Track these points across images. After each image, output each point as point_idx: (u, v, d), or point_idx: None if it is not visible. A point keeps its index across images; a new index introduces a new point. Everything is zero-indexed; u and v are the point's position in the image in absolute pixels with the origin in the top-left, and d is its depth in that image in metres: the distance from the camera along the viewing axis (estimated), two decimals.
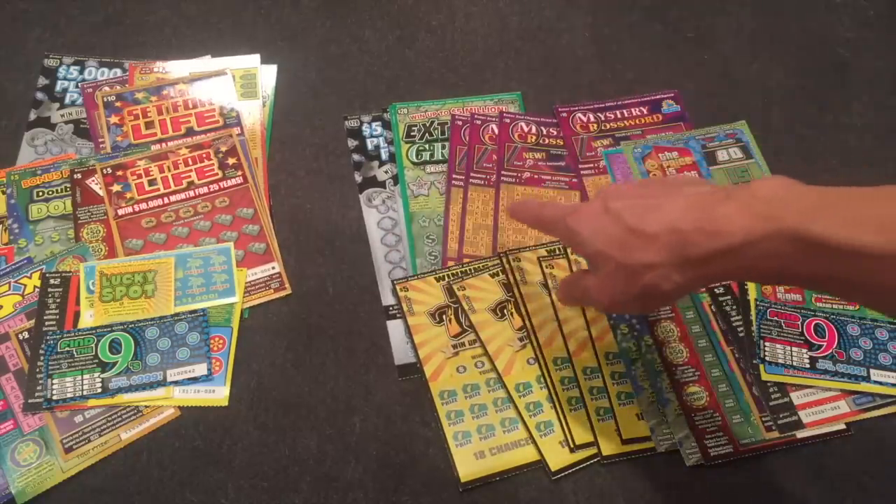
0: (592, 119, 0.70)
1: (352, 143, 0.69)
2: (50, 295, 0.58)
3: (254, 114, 0.70)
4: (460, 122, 0.69)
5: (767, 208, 0.38)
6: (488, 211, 0.65)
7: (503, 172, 0.66)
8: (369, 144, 0.69)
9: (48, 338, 0.56)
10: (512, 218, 0.59)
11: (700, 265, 0.40)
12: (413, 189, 0.66)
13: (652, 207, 0.42)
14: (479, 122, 0.69)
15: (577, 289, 0.49)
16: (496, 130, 0.69)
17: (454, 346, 0.58)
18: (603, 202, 0.44)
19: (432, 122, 0.69)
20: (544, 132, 0.69)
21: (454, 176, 0.66)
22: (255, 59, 0.73)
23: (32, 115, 0.68)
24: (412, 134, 0.69)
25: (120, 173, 0.64)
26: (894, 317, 0.55)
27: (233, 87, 0.70)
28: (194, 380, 0.56)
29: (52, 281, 0.59)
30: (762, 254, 0.38)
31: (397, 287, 0.60)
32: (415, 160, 0.67)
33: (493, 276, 0.61)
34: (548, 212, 0.50)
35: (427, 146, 0.68)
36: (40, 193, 0.63)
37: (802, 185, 0.40)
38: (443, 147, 0.68)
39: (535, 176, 0.67)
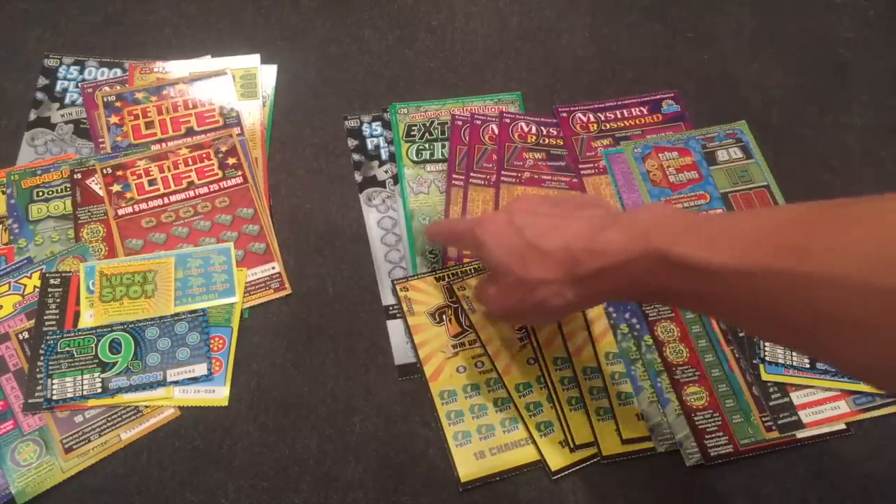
0: (592, 119, 0.70)
1: (352, 142, 0.69)
2: (50, 295, 0.58)
3: (254, 114, 0.70)
4: (460, 122, 0.69)
5: (643, 231, 0.41)
6: (489, 211, 0.65)
7: (503, 172, 0.66)
8: (369, 144, 0.69)
9: (48, 338, 0.56)
10: (430, 242, 0.61)
11: (587, 282, 0.43)
12: (413, 187, 0.66)
13: (551, 227, 0.45)
14: (479, 122, 0.69)
15: (483, 294, 0.52)
16: (496, 130, 0.69)
17: (454, 346, 0.58)
18: (509, 215, 0.48)
19: (432, 122, 0.69)
20: (544, 132, 0.69)
21: (454, 176, 0.66)
22: (255, 59, 0.73)
23: (32, 115, 0.68)
24: (412, 133, 0.69)
25: (120, 173, 0.64)
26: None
27: (233, 87, 0.70)
28: (194, 380, 0.56)
29: (52, 281, 0.59)
30: (637, 273, 0.41)
31: (397, 287, 0.60)
32: (415, 159, 0.67)
33: None
34: (459, 226, 0.53)
35: (427, 145, 0.68)
36: (40, 193, 0.63)
37: (680, 212, 0.43)
38: (443, 146, 0.68)
39: (536, 176, 0.67)
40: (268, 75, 0.72)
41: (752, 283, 0.35)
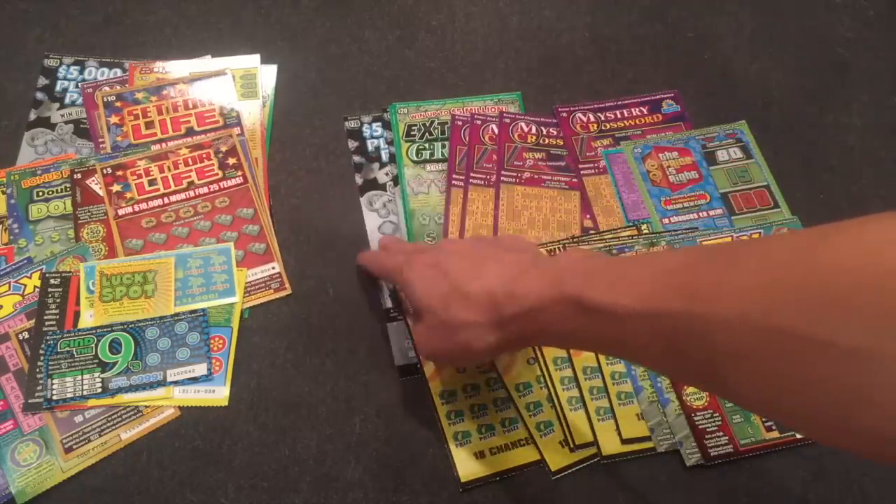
0: (592, 119, 0.70)
1: (352, 144, 0.69)
2: (50, 295, 0.58)
3: (254, 114, 0.70)
4: (460, 123, 0.69)
5: (557, 276, 0.42)
6: (488, 211, 0.65)
7: (503, 172, 0.66)
8: (370, 145, 0.69)
9: (48, 338, 0.56)
10: (361, 264, 0.61)
11: (507, 326, 0.44)
12: (413, 187, 0.66)
13: (475, 272, 0.46)
14: (479, 123, 0.69)
15: (413, 335, 0.53)
16: (496, 130, 0.69)
17: None
18: (436, 258, 0.48)
19: (432, 122, 0.69)
20: (544, 132, 0.69)
21: (454, 176, 0.66)
22: (255, 59, 0.73)
23: (32, 115, 0.68)
24: (412, 133, 0.69)
25: (120, 173, 0.64)
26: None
27: (233, 87, 0.70)
28: (194, 380, 0.56)
29: (52, 281, 0.59)
30: (553, 317, 0.41)
31: (397, 288, 0.60)
32: (415, 158, 0.67)
33: None
34: (388, 263, 0.54)
35: (427, 145, 0.68)
36: (40, 193, 0.63)
37: (596, 255, 0.44)
38: (442, 146, 0.68)
39: (536, 176, 0.67)
40: (268, 75, 0.72)
41: (653, 324, 0.36)
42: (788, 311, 0.29)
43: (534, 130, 0.69)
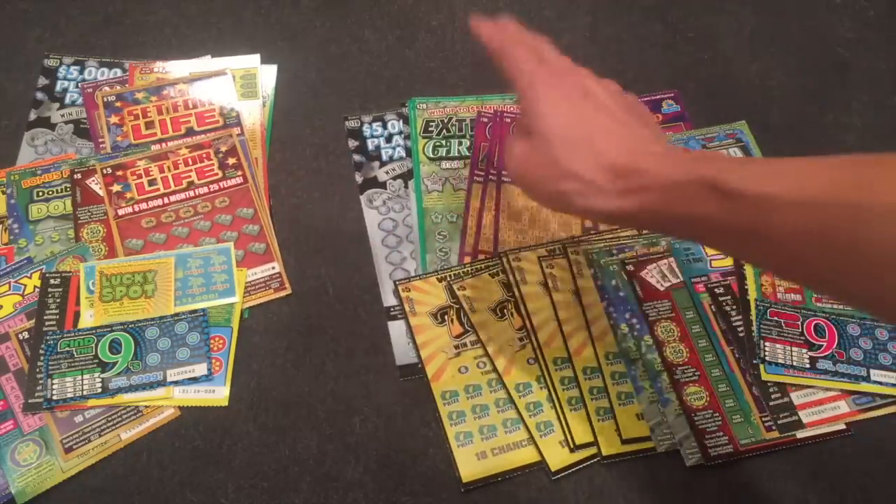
0: None
1: (352, 143, 0.69)
2: (50, 295, 0.58)
3: (254, 114, 0.70)
4: (485, 120, 0.69)
5: (692, 159, 0.40)
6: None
7: (504, 173, 0.66)
8: (370, 145, 0.69)
9: (48, 338, 0.56)
10: (475, 35, 0.52)
11: (622, 196, 0.41)
12: (427, 184, 0.66)
13: (608, 128, 0.43)
14: (508, 121, 0.69)
15: (510, 146, 0.47)
16: None
17: (456, 347, 0.58)
18: (580, 90, 0.45)
19: (450, 119, 0.69)
20: None
21: (476, 172, 0.66)
22: (255, 59, 0.73)
23: (32, 115, 0.68)
24: (429, 129, 0.69)
25: (120, 173, 0.64)
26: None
27: (233, 87, 0.70)
28: (194, 380, 0.56)
29: (52, 281, 0.59)
30: (679, 198, 0.39)
31: (399, 287, 0.60)
32: (431, 156, 0.67)
33: (492, 276, 0.61)
34: (519, 53, 0.48)
35: (444, 142, 0.68)
36: (40, 193, 0.63)
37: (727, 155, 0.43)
38: (459, 143, 0.68)
39: None
40: (268, 75, 0.72)
41: (806, 214, 0.34)
42: None
43: None
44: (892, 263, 0.32)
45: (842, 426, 0.56)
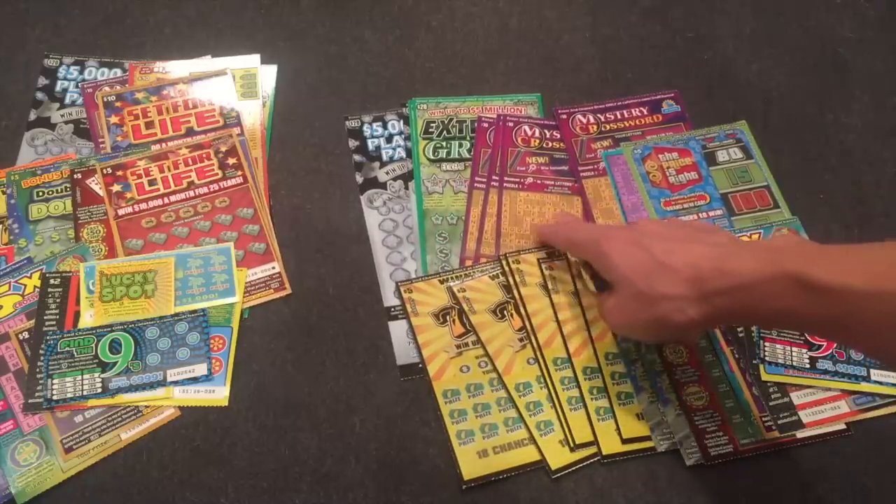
0: (592, 120, 0.70)
1: (353, 143, 0.69)
2: (50, 295, 0.58)
3: (254, 114, 0.70)
4: (486, 125, 0.69)
5: (775, 256, 0.43)
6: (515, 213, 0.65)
7: (506, 178, 0.66)
8: (370, 145, 0.69)
9: (48, 338, 0.56)
10: (540, 242, 0.62)
11: (712, 300, 0.45)
12: (428, 186, 0.66)
13: (679, 247, 0.47)
14: (511, 125, 0.69)
15: (602, 306, 0.54)
16: (528, 132, 0.69)
17: (458, 347, 0.58)
18: (635, 234, 0.50)
19: (451, 119, 0.69)
20: (547, 135, 0.69)
21: (476, 179, 0.66)
22: (255, 59, 0.73)
23: (32, 115, 0.68)
24: (430, 130, 0.69)
25: (120, 173, 0.64)
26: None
27: (233, 87, 0.70)
28: (194, 380, 0.56)
29: (52, 281, 0.59)
30: (767, 294, 0.42)
31: (402, 288, 0.60)
32: (431, 157, 0.67)
33: (492, 277, 0.61)
34: (579, 235, 0.55)
35: (444, 143, 0.68)
36: (40, 193, 0.63)
37: (808, 240, 0.46)
38: (460, 145, 0.68)
39: (538, 181, 0.66)
40: (268, 75, 0.72)
41: (886, 303, 0.37)
42: None
43: (537, 134, 0.69)
44: None
45: (842, 426, 0.56)
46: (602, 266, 0.52)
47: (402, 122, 0.70)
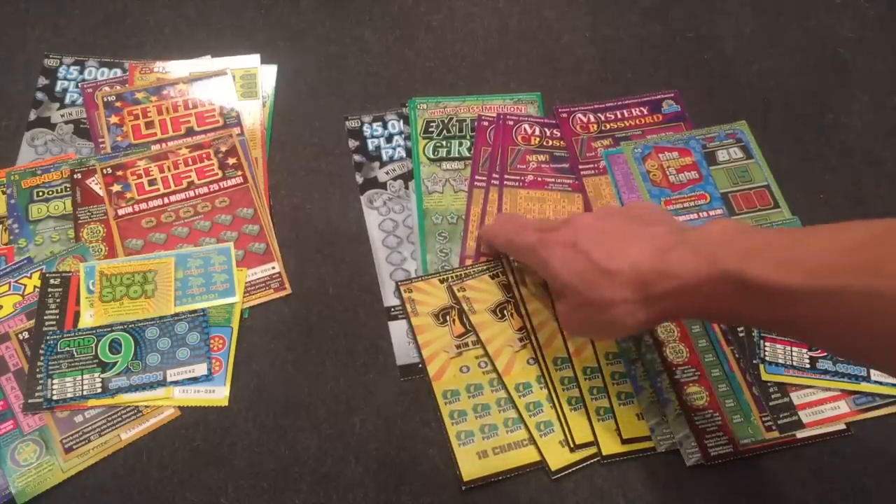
0: (592, 119, 0.70)
1: (353, 143, 0.69)
2: (50, 295, 0.58)
3: (254, 114, 0.70)
4: (486, 123, 0.69)
5: (714, 250, 0.40)
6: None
7: (506, 176, 0.66)
8: (370, 145, 0.69)
9: (48, 338, 0.56)
10: (484, 245, 0.61)
11: (658, 303, 0.43)
12: (428, 185, 0.66)
13: (617, 247, 0.45)
14: (511, 123, 0.69)
15: (557, 313, 0.54)
16: (528, 130, 0.69)
17: (458, 347, 0.58)
18: (572, 236, 0.48)
19: (451, 119, 0.69)
20: (547, 133, 0.69)
21: (476, 177, 0.66)
22: (255, 59, 0.73)
23: (32, 115, 0.68)
24: (430, 130, 0.69)
25: (120, 173, 0.64)
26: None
27: (233, 87, 0.70)
28: (194, 380, 0.56)
29: (52, 281, 0.59)
30: (711, 295, 0.41)
31: (402, 288, 0.60)
32: (431, 156, 0.67)
33: (492, 277, 0.61)
34: (519, 240, 0.53)
35: (444, 143, 0.68)
36: (40, 193, 0.63)
37: (748, 227, 0.42)
38: (460, 144, 0.68)
39: (539, 179, 0.66)
40: (268, 75, 0.72)
41: (830, 303, 0.34)
42: None
43: (537, 132, 0.69)
44: None
45: (842, 426, 0.56)
46: (544, 274, 0.51)
47: (402, 121, 0.70)
